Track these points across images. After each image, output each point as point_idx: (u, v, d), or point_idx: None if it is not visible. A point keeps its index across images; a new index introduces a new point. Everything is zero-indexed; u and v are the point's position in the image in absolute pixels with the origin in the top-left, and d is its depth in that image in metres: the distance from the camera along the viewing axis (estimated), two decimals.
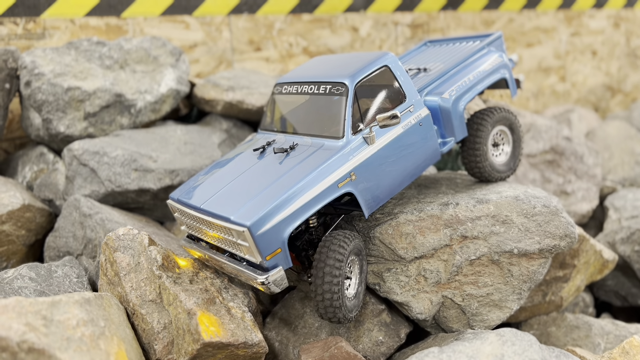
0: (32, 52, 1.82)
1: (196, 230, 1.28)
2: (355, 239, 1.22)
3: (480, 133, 1.43)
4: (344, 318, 1.19)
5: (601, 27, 3.31)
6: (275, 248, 1.11)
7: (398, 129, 1.29)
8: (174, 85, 1.97)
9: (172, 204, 1.31)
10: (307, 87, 1.34)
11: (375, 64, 1.30)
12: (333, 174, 1.18)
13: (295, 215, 1.13)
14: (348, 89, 1.25)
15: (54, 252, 1.55)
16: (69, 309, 1.02)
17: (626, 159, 2.46)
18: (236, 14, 2.43)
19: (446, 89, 1.41)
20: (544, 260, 1.36)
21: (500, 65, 1.51)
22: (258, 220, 1.08)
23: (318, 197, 1.16)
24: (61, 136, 1.79)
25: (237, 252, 1.17)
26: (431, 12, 2.83)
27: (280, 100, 1.43)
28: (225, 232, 1.15)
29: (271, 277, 1.12)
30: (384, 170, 1.26)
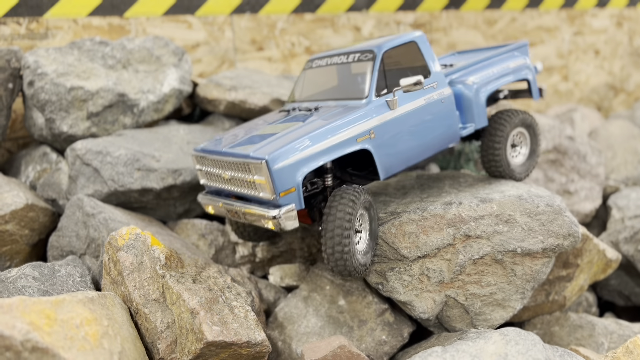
0: (35, 52, 1.82)
1: (215, 178, 1.32)
2: (365, 193, 1.24)
3: (503, 125, 1.48)
4: (355, 271, 1.21)
5: (604, 26, 3.30)
6: (289, 186, 1.15)
7: (420, 101, 1.34)
8: (176, 85, 1.97)
9: (195, 153, 1.37)
10: (336, 59, 1.42)
11: (403, 38, 1.37)
12: (353, 128, 1.23)
13: (311, 158, 1.18)
14: (375, 55, 1.32)
15: (57, 251, 1.56)
16: (72, 308, 1.02)
17: (629, 158, 2.46)
18: (239, 13, 2.43)
19: (469, 77, 1.46)
20: (547, 260, 1.36)
21: (523, 66, 1.57)
22: (276, 155, 1.14)
23: (336, 146, 1.21)
24: (64, 136, 1.80)
25: (252, 192, 1.20)
26: (433, 11, 2.83)
27: (309, 74, 1.50)
28: (243, 170, 1.20)
29: (283, 212, 1.14)
30: (403, 137, 1.31)
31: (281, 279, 1.55)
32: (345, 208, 1.18)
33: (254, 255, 1.60)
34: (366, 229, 1.28)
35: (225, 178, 1.28)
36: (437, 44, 2.87)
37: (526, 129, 1.56)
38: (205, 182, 1.38)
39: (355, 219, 1.19)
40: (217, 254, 1.65)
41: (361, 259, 1.23)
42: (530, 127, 1.56)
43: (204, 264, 1.35)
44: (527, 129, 1.56)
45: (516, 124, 1.52)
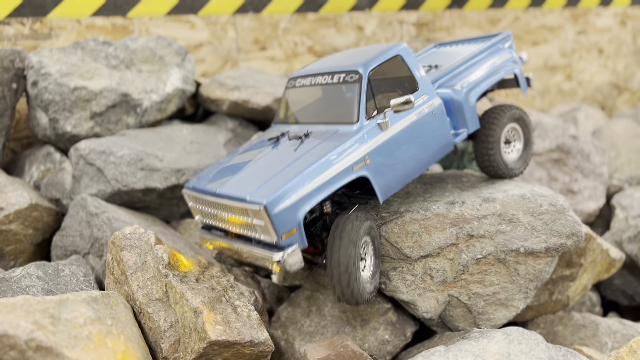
0: (38, 52, 1.83)
1: (211, 217, 1.28)
2: (368, 220, 1.22)
3: (493, 129, 1.45)
4: (362, 299, 1.18)
5: (607, 25, 3.29)
6: (291, 227, 1.12)
7: (411, 117, 1.31)
8: (179, 85, 1.98)
9: (188, 192, 1.32)
10: (320, 78, 1.37)
11: (387, 53, 1.32)
12: (348, 157, 1.20)
13: (310, 195, 1.15)
14: (362, 76, 1.27)
15: (61, 251, 1.56)
16: (76, 307, 1.02)
17: (633, 158, 2.45)
18: (241, 13, 2.43)
19: (458, 81, 1.44)
20: (551, 259, 1.36)
21: (510, 61, 1.54)
22: (274, 199, 1.10)
23: (333, 179, 1.18)
24: (68, 136, 1.80)
25: (252, 234, 1.17)
26: (436, 10, 2.83)
27: (293, 94, 1.45)
28: (241, 214, 1.16)
29: (287, 255, 1.12)
30: (398, 156, 1.28)
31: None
32: (349, 236, 1.15)
33: None
34: (370, 255, 1.26)
35: (223, 219, 1.23)
36: None
37: (517, 123, 1.52)
38: (201, 219, 1.34)
39: (359, 247, 1.16)
40: (220, 253, 1.65)
41: (368, 286, 1.21)
42: (521, 121, 1.52)
43: (207, 264, 1.35)
44: (518, 124, 1.52)
45: (506, 122, 1.48)
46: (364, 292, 1.18)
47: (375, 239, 1.26)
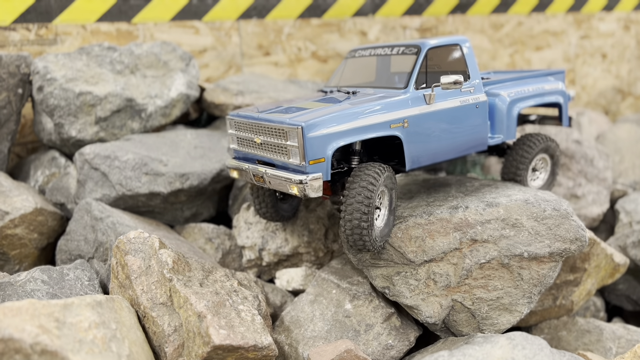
0: (44, 58, 1.84)
1: (245, 142, 1.36)
2: (388, 171, 1.26)
3: (527, 153, 1.54)
4: (370, 244, 1.23)
5: (611, 29, 3.29)
6: (320, 156, 1.20)
7: (455, 102, 1.37)
8: (184, 90, 1.99)
9: (231, 118, 1.40)
10: (380, 50, 1.47)
11: (449, 39, 1.42)
12: (389, 113, 1.28)
13: (344, 134, 1.22)
14: (420, 50, 1.37)
15: (65, 255, 1.57)
16: (81, 311, 1.03)
17: (637, 162, 2.44)
18: (245, 19, 2.45)
19: (505, 90, 1.51)
20: (555, 264, 1.36)
21: (557, 91, 1.63)
22: (311, 124, 1.19)
23: (369, 127, 1.25)
24: (73, 140, 1.81)
25: (281, 157, 1.24)
26: (440, 15, 2.83)
27: (350, 63, 1.55)
28: (277, 136, 1.24)
29: (310, 179, 1.18)
30: (434, 132, 1.34)
31: (288, 282, 1.56)
32: (368, 178, 1.21)
33: (260, 259, 1.60)
34: (386, 206, 1.30)
35: (257, 142, 1.31)
36: None
37: (549, 156, 1.62)
38: (235, 146, 1.42)
39: (376, 192, 1.21)
40: (223, 257, 1.65)
41: (378, 234, 1.26)
42: (553, 156, 1.62)
43: (210, 268, 1.35)
44: (550, 157, 1.62)
45: (541, 149, 1.58)
46: (372, 239, 1.23)
47: (392, 192, 1.30)
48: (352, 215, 1.20)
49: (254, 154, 1.35)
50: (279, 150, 1.26)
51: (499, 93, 1.50)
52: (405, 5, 2.75)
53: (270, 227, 1.62)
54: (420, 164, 1.35)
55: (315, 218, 1.58)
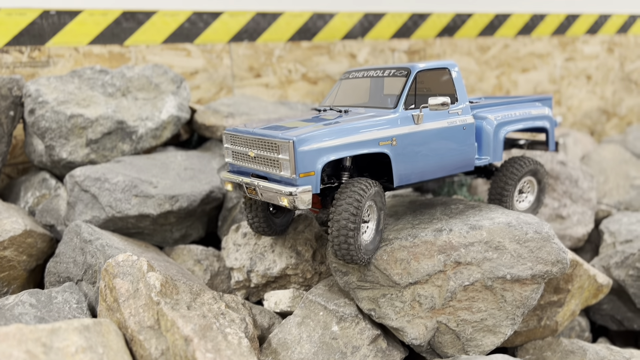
0: (36, 81, 1.86)
1: (240, 156, 1.42)
2: (376, 187, 1.30)
3: (513, 175, 1.58)
4: (357, 258, 1.28)
5: (595, 52, 3.37)
6: (310, 169, 1.25)
7: (443, 123, 1.43)
8: (174, 112, 2.01)
9: (228, 132, 1.46)
10: (372, 72, 1.54)
11: (438, 63, 1.49)
12: (378, 131, 1.33)
13: (334, 149, 1.27)
14: (410, 73, 1.44)
15: (54, 277, 1.58)
16: (68, 335, 1.04)
17: (621, 183, 2.49)
18: (236, 41, 2.49)
19: (492, 114, 1.56)
20: (537, 286, 1.38)
21: (545, 116, 1.68)
22: (302, 139, 1.24)
23: (359, 144, 1.30)
24: (63, 162, 1.83)
25: (273, 170, 1.30)
26: (427, 38, 2.89)
27: (343, 85, 1.61)
28: (270, 149, 1.29)
29: (299, 191, 1.23)
30: (421, 151, 1.40)
31: (276, 304, 1.57)
32: (354, 194, 1.25)
33: (249, 280, 1.62)
34: (374, 220, 1.34)
35: (250, 156, 1.37)
36: None
37: (536, 179, 1.66)
38: (230, 160, 1.48)
39: (363, 206, 1.25)
40: (212, 279, 1.67)
41: (365, 247, 1.30)
42: (540, 179, 1.66)
43: (198, 290, 1.37)
44: (536, 180, 1.66)
45: (528, 172, 1.62)
46: (358, 252, 1.27)
47: (380, 208, 1.35)
48: (339, 229, 1.24)
49: (248, 167, 1.41)
50: (272, 164, 1.31)
51: (487, 116, 1.55)
52: (394, 29, 2.81)
53: (259, 248, 1.63)
54: (408, 182, 1.40)
55: (303, 240, 1.60)
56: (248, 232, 1.67)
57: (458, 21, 2.96)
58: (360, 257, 1.29)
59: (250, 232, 1.66)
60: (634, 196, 2.43)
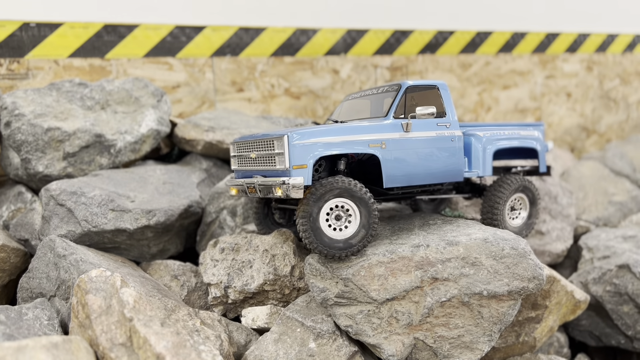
0: (13, 94, 1.84)
1: (243, 160, 1.55)
2: (338, 183, 1.37)
3: (501, 193, 1.65)
4: (330, 253, 1.37)
5: (575, 70, 3.43)
6: (302, 162, 1.36)
7: (432, 133, 1.53)
8: (154, 126, 2.00)
9: (234, 141, 1.60)
10: (369, 92, 1.68)
11: (428, 82, 1.60)
12: (368, 134, 1.44)
13: (326, 145, 1.38)
14: (400, 88, 1.56)
15: (27, 293, 1.54)
16: (35, 354, 1.01)
17: (600, 199, 2.52)
18: (219, 56, 2.49)
19: (482, 131, 1.66)
20: (514, 302, 1.38)
21: (535, 138, 1.77)
22: (296, 134, 1.36)
23: (350, 142, 1.41)
24: (40, 176, 1.80)
25: (270, 166, 1.41)
26: (409, 55, 2.92)
27: (346, 104, 1.75)
28: (267, 147, 1.42)
29: (292, 180, 1.33)
30: (409, 156, 1.49)
31: (253, 321, 1.55)
32: (314, 193, 1.34)
33: (226, 296, 1.60)
34: (356, 216, 1.39)
35: (252, 157, 1.49)
36: None
37: (526, 195, 1.71)
38: (235, 167, 1.61)
39: (321, 201, 1.34)
40: (189, 295, 1.64)
41: (339, 245, 1.37)
42: (530, 194, 1.72)
43: (173, 307, 1.35)
44: (527, 196, 1.72)
45: (516, 189, 1.68)
46: (322, 245, 1.36)
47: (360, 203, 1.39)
48: (300, 226, 1.35)
49: (250, 170, 1.53)
50: (269, 161, 1.43)
51: (475, 133, 1.65)
52: (377, 45, 2.83)
53: (237, 264, 1.62)
54: (397, 184, 1.47)
55: (281, 255, 1.59)
56: (226, 248, 1.65)
57: (440, 38, 2.99)
58: (330, 252, 1.36)
59: (228, 247, 1.65)
60: (612, 212, 2.45)
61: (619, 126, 3.64)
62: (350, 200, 1.39)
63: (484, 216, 1.67)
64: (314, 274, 1.41)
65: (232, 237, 1.67)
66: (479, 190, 1.80)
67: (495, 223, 1.65)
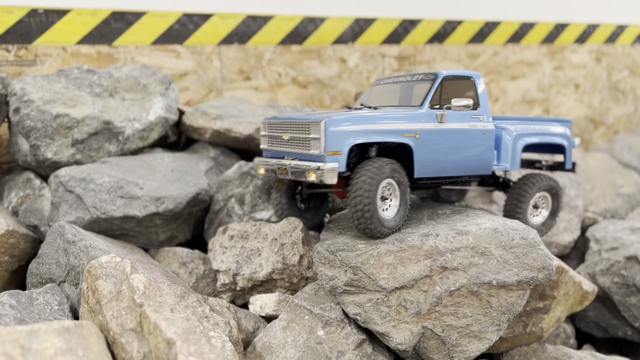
0: (22, 80, 1.84)
1: (274, 140, 1.55)
2: (392, 164, 1.39)
3: (525, 191, 1.66)
4: (377, 232, 1.37)
5: (583, 61, 3.40)
6: (338, 149, 1.36)
7: (465, 125, 1.52)
8: (162, 114, 2.00)
9: (265, 120, 1.60)
10: (402, 78, 1.66)
11: (464, 73, 1.60)
12: (403, 124, 1.45)
13: (362, 133, 1.39)
14: (437, 77, 1.54)
15: (36, 278, 1.55)
16: (47, 337, 1.02)
17: (607, 191, 2.51)
18: (226, 44, 2.48)
19: (512, 125, 1.67)
20: (523, 292, 1.38)
21: (562, 134, 1.78)
22: (333, 121, 1.36)
23: (385, 131, 1.41)
24: (48, 162, 1.81)
25: (304, 150, 1.41)
26: (417, 45, 2.90)
27: (376, 89, 1.74)
28: (302, 131, 1.42)
29: (326, 166, 1.33)
30: (442, 148, 1.49)
31: (261, 308, 1.56)
32: (369, 173, 1.34)
33: (234, 283, 1.60)
34: (397, 197, 1.42)
35: (284, 139, 1.49)
36: None
37: (550, 195, 1.72)
38: (265, 146, 1.60)
39: (377, 183, 1.35)
40: (197, 282, 1.65)
41: (386, 223, 1.38)
42: (554, 194, 1.73)
43: (182, 293, 1.35)
44: (551, 195, 1.73)
45: (541, 188, 1.68)
46: (378, 226, 1.36)
47: (401, 183, 1.42)
48: (355, 206, 1.34)
49: (281, 150, 1.53)
50: (303, 144, 1.43)
51: (506, 127, 1.66)
52: (384, 34, 2.82)
53: (246, 252, 1.62)
54: (427, 174, 1.49)
55: (290, 244, 1.59)
56: (235, 235, 1.66)
57: (448, 28, 2.97)
58: (380, 230, 1.37)
59: (237, 234, 1.65)
60: (619, 204, 2.44)
61: (627, 118, 3.62)
62: (394, 182, 1.41)
63: (507, 210, 1.69)
64: (323, 262, 1.41)
65: (241, 225, 1.67)
66: (503, 184, 1.80)
67: (517, 218, 1.66)
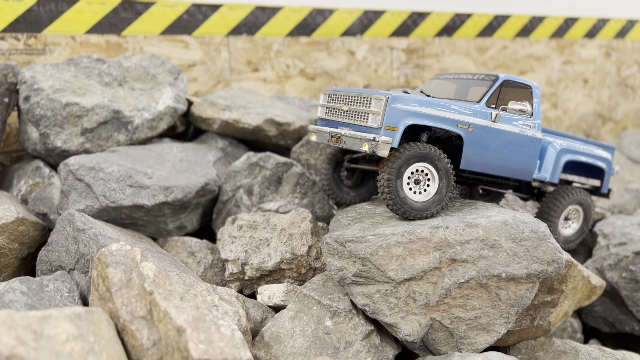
0: (32, 68, 1.84)
1: (332, 110, 1.59)
2: (424, 148, 1.42)
3: (559, 201, 1.71)
4: (407, 214, 1.43)
5: (592, 56, 3.38)
6: (395, 125, 1.41)
7: (515, 129, 1.58)
8: (171, 104, 2.00)
9: (327, 90, 1.64)
10: (463, 76, 1.71)
11: (524, 81, 1.65)
12: (459, 115, 1.49)
13: (420, 115, 1.43)
14: (497, 79, 1.60)
15: (46, 266, 1.56)
16: (59, 323, 1.03)
17: (615, 187, 2.50)
18: (235, 35, 2.47)
19: (559, 140, 1.74)
20: (532, 285, 1.38)
21: (605, 159, 1.83)
22: (395, 97, 1.42)
23: (441, 118, 1.46)
24: (58, 151, 1.81)
25: (361, 122, 1.46)
26: (426, 38, 2.89)
27: (434, 82, 1.79)
28: (363, 104, 1.47)
29: (382, 138, 1.38)
30: (491, 146, 1.54)
31: (269, 298, 1.56)
32: (395, 158, 1.40)
33: (243, 273, 1.61)
34: (435, 181, 1.46)
35: (343, 110, 1.54)
36: (429, 69, 2.92)
37: (582, 208, 1.77)
38: (322, 115, 1.64)
39: (404, 168, 1.40)
40: (205, 272, 1.65)
41: (418, 205, 1.44)
42: (585, 208, 1.77)
43: (192, 282, 1.36)
44: (583, 209, 1.77)
45: (575, 200, 1.73)
46: (405, 208, 1.42)
47: (440, 169, 1.46)
48: (382, 190, 1.41)
49: (337, 121, 1.57)
50: (361, 117, 1.47)
51: (553, 141, 1.72)
52: (393, 27, 2.80)
53: (254, 241, 1.62)
54: (472, 168, 1.53)
55: (299, 235, 1.59)
56: (244, 225, 1.66)
57: (457, 21, 2.96)
58: (411, 214, 1.43)
59: (246, 224, 1.65)
60: (628, 200, 2.43)
61: (635, 114, 3.60)
62: (432, 167, 1.45)
63: (539, 216, 1.72)
64: (332, 253, 1.41)
65: (250, 215, 1.67)
66: (538, 194, 1.84)
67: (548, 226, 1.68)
